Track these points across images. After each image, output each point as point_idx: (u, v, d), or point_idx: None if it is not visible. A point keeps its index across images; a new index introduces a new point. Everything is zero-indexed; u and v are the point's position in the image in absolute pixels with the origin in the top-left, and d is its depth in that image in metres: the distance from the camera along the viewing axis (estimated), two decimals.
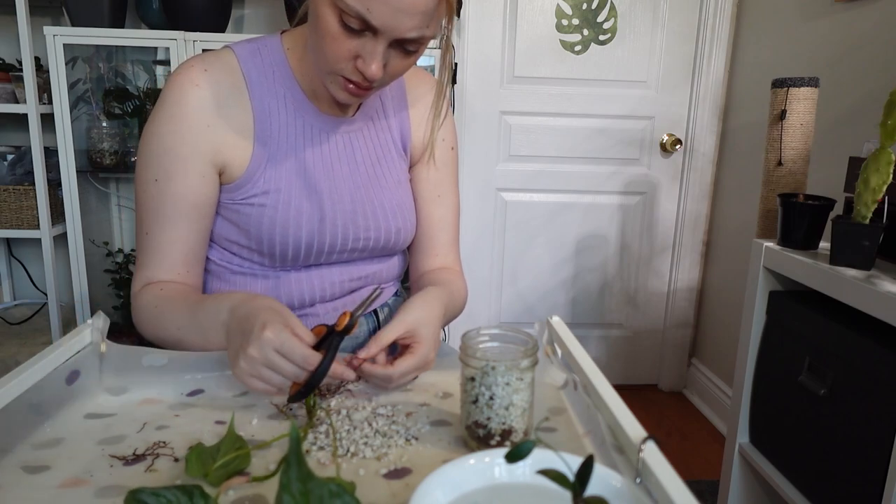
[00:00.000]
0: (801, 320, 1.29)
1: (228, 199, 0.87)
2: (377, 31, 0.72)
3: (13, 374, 0.66)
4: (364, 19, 0.71)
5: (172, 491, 0.46)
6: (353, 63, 0.76)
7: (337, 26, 0.73)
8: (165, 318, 0.82)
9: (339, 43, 0.74)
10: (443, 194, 1.01)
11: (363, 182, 0.93)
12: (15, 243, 2.34)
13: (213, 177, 0.86)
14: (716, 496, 1.64)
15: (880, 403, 1.08)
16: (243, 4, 2.26)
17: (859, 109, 1.64)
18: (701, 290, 2.51)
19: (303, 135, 0.89)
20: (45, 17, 2.19)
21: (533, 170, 2.38)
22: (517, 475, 0.50)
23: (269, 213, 0.86)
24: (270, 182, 0.86)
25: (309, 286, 0.92)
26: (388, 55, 0.76)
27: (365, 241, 0.93)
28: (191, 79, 0.83)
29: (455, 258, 1.03)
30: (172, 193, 0.84)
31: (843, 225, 1.17)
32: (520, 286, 2.48)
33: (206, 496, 0.48)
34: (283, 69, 0.88)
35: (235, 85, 0.86)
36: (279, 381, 0.66)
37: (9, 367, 1.19)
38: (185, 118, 0.83)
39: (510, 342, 0.66)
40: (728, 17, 2.24)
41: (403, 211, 0.96)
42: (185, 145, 0.83)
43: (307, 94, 0.89)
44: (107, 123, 2.11)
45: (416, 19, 0.72)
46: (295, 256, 0.89)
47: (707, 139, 2.35)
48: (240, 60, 0.87)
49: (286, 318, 0.68)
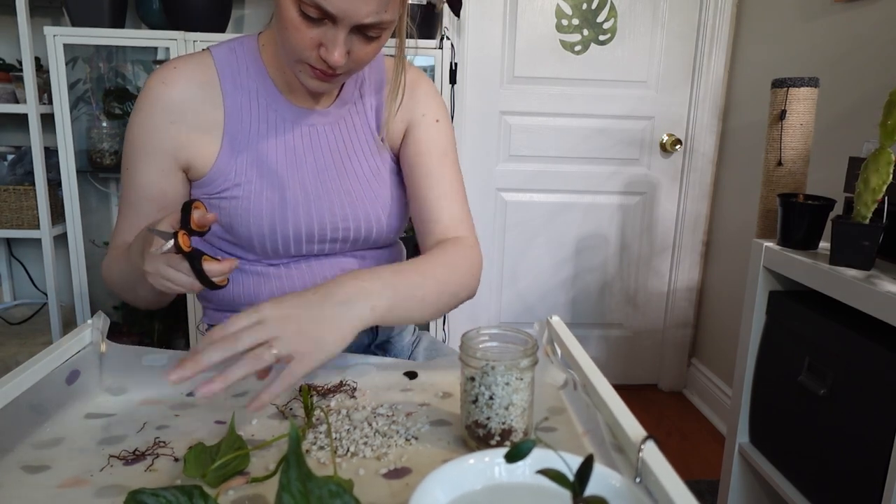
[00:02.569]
0: (801, 320, 1.29)
1: (203, 194, 0.90)
2: (336, 19, 0.74)
3: (13, 374, 0.66)
4: (321, 7, 0.72)
5: (172, 491, 0.46)
6: (317, 52, 0.77)
7: (297, 17, 0.75)
8: (113, 265, 0.88)
9: (301, 33, 0.76)
10: (433, 171, 0.94)
11: (342, 172, 0.93)
12: (15, 243, 2.34)
13: (176, 173, 0.89)
14: (715, 496, 1.64)
15: (880, 403, 1.08)
16: (243, 4, 2.26)
17: (859, 109, 1.64)
18: (701, 290, 2.51)
19: (275, 128, 0.91)
20: (46, 17, 2.19)
21: (533, 170, 2.38)
22: (517, 475, 0.50)
23: (243, 204, 0.88)
24: (241, 175, 0.89)
25: (300, 281, 0.93)
26: (350, 42, 0.77)
27: (344, 231, 0.93)
28: (161, 77, 0.87)
29: (465, 228, 0.94)
30: (136, 185, 0.89)
31: (843, 225, 1.17)
32: (520, 286, 2.48)
33: (205, 496, 0.48)
34: (257, 65, 0.90)
35: (207, 82, 0.88)
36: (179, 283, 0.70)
37: (9, 367, 1.19)
38: (151, 114, 0.86)
39: (510, 342, 0.66)
40: (728, 17, 2.24)
41: (381, 201, 0.94)
42: (148, 140, 0.87)
43: (280, 88, 0.91)
44: (107, 123, 2.11)
45: (372, 4, 0.73)
46: (275, 248, 0.90)
47: (707, 139, 2.35)
48: (215, 59, 0.89)
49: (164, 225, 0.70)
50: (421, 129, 0.95)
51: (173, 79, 0.86)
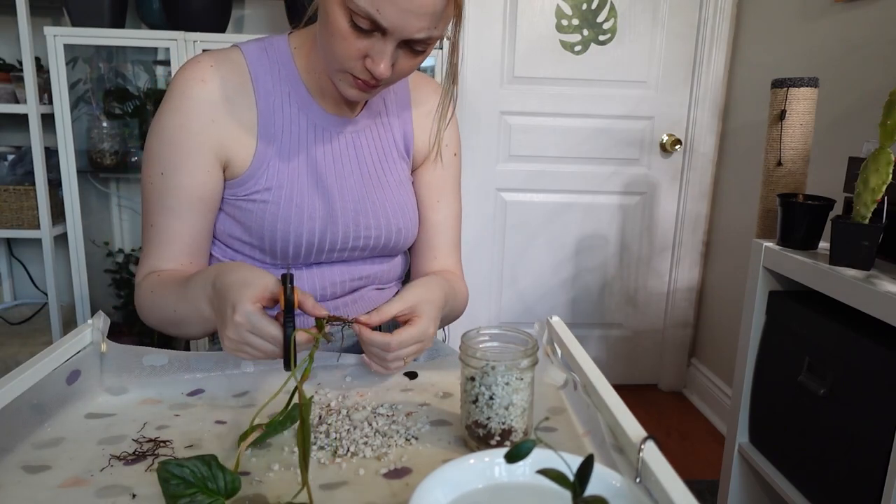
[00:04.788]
0: (801, 320, 1.29)
1: (231, 194, 0.88)
2: (386, 32, 0.74)
3: (13, 374, 0.66)
4: (374, 20, 0.72)
5: (193, 461, 0.53)
6: (363, 62, 0.77)
7: (347, 26, 0.74)
8: (162, 301, 0.83)
9: (348, 42, 0.75)
10: (443, 199, 1.01)
11: (367, 181, 0.94)
12: (15, 243, 2.34)
13: (218, 171, 0.87)
14: (715, 496, 1.64)
15: (880, 403, 1.08)
16: (243, 4, 2.26)
17: (859, 109, 1.64)
18: (701, 290, 2.51)
19: (307, 133, 0.90)
20: (46, 17, 2.19)
21: (533, 170, 2.38)
22: (517, 475, 0.50)
23: (272, 209, 0.87)
24: (273, 179, 0.87)
25: (310, 285, 0.92)
26: (396, 55, 0.77)
27: (366, 239, 0.93)
28: (198, 74, 0.85)
29: (456, 262, 1.04)
30: (177, 186, 0.85)
31: (843, 225, 1.17)
32: (520, 286, 2.48)
33: (221, 466, 0.53)
34: (289, 68, 0.89)
35: (241, 82, 0.87)
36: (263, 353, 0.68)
37: (9, 367, 1.19)
38: (192, 112, 0.84)
39: (510, 342, 0.66)
40: (728, 17, 2.24)
41: (406, 211, 0.97)
42: (190, 139, 0.84)
43: (312, 93, 0.90)
44: (107, 124, 2.11)
45: (425, 20, 0.73)
46: (296, 253, 0.89)
47: (707, 139, 2.35)
48: (247, 59, 0.88)
49: (256, 290, 0.67)
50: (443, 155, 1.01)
51: (211, 76, 0.85)
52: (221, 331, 0.69)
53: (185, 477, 0.51)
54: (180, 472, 0.51)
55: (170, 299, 0.81)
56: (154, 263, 0.88)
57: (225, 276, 0.71)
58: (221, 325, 0.69)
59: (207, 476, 0.52)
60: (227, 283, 0.70)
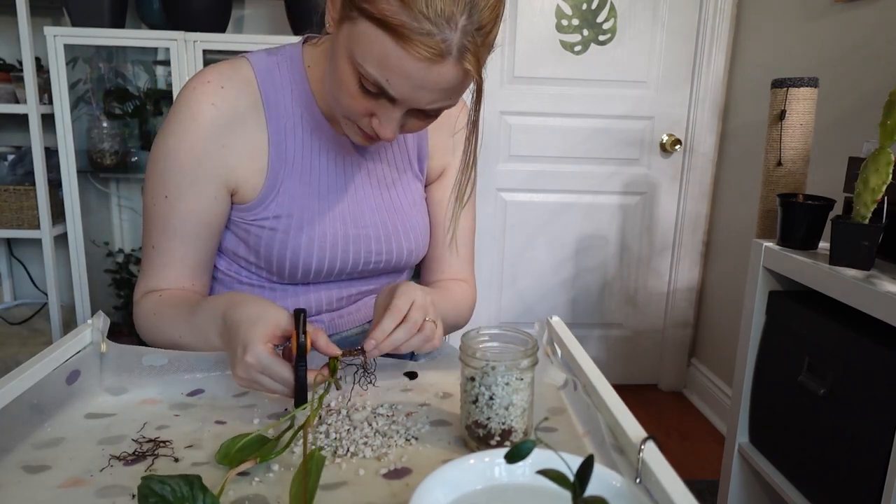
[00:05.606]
0: (801, 320, 1.29)
1: (239, 217, 0.86)
2: (395, 101, 0.70)
3: (13, 374, 0.66)
4: (382, 89, 0.68)
5: (176, 480, 0.52)
6: (369, 119, 0.73)
7: (355, 86, 0.70)
8: (166, 325, 0.81)
9: (355, 101, 0.71)
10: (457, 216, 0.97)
11: (381, 204, 0.92)
12: (15, 243, 2.34)
13: (226, 197, 0.85)
14: (715, 496, 1.64)
15: (880, 403, 1.08)
16: (243, 4, 2.26)
17: (859, 109, 1.64)
18: (701, 290, 2.51)
19: (319, 157, 0.87)
20: (46, 17, 2.19)
21: (533, 170, 2.38)
22: (517, 475, 0.50)
23: (281, 237, 0.85)
24: (283, 206, 0.85)
25: (316, 299, 0.92)
26: (405, 118, 0.74)
27: (376, 263, 0.92)
28: (208, 97, 0.81)
29: (469, 272, 1.02)
30: (183, 211, 0.83)
31: (843, 225, 1.17)
32: (520, 286, 2.48)
33: (204, 488, 0.52)
34: (302, 87, 0.85)
35: (252, 103, 0.83)
36: (274, 392, 0.67)
37: (9, 367, 1.19)
38: (201, 137, 0.81)
39: (510, 342, 0.66)
40: (728, 17, 2.24)
41: (418, 233, 0.95)
42: (199, 165, 0.82)
43: (326, 115, 0.87)
44: (107, 124, 2.11)
45: (437, 94, 0.69)
46: (304, 276, 0.88)
47: (707, 139, 2.35)
48: (257, 76, 0.84)
49: (267, 328, 0.66)
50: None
51: (222, 100, 0.81)
52: (232, 367, 0.68)
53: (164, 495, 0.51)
54: (160, 490, 0.51)
55: (174, 325, 0.80)
56: (155, 284, 0.86)
57: (235, 311, 0.70)
58: (232, 362, 0.68)
59: (187, 496, 0.51)
60: (237, 318, 0.68)
